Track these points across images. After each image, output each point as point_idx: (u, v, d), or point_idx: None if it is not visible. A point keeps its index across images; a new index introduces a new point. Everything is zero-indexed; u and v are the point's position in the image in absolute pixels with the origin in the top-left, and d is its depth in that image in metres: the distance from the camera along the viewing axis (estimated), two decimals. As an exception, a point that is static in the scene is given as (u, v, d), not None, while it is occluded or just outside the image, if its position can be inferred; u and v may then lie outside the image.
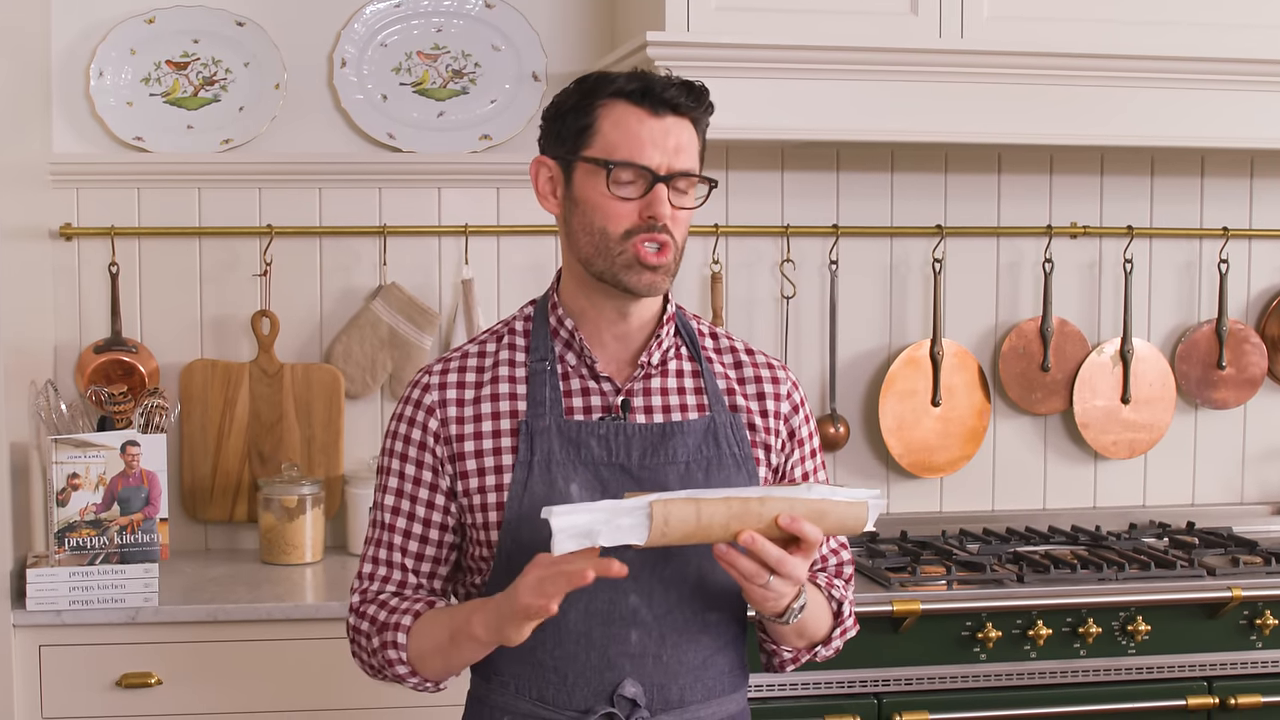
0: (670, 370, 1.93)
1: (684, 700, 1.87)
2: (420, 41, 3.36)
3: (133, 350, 3.23)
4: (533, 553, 1.77)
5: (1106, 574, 3.06)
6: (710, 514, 1.70)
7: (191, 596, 2.87)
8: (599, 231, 1.83)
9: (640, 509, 1.68)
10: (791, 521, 1.71)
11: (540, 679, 1.86)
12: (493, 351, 1.93)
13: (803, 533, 1.72)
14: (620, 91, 1.82)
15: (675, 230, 1.83)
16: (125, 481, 2.86)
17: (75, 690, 2.77)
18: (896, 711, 2.89)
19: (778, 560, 1.72)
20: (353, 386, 3.32)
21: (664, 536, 1.69)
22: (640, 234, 1.81)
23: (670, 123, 1.82)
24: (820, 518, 1.76)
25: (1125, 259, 3.57)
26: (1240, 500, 3.72)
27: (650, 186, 1.81)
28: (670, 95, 1.81)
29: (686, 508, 1.69)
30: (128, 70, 3.26)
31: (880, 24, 3.04)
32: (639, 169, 1.80)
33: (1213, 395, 3.67)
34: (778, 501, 1.74)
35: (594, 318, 1.90)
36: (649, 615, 1.84)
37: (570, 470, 1.84)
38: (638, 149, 1.80)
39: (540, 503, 1.82)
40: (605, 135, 1.82)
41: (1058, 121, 3.10)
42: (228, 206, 3.30)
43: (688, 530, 1.70)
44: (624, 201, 1.81)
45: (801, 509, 1.74)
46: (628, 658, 1.84)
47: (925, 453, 3.52)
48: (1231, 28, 3.16)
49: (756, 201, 3.46)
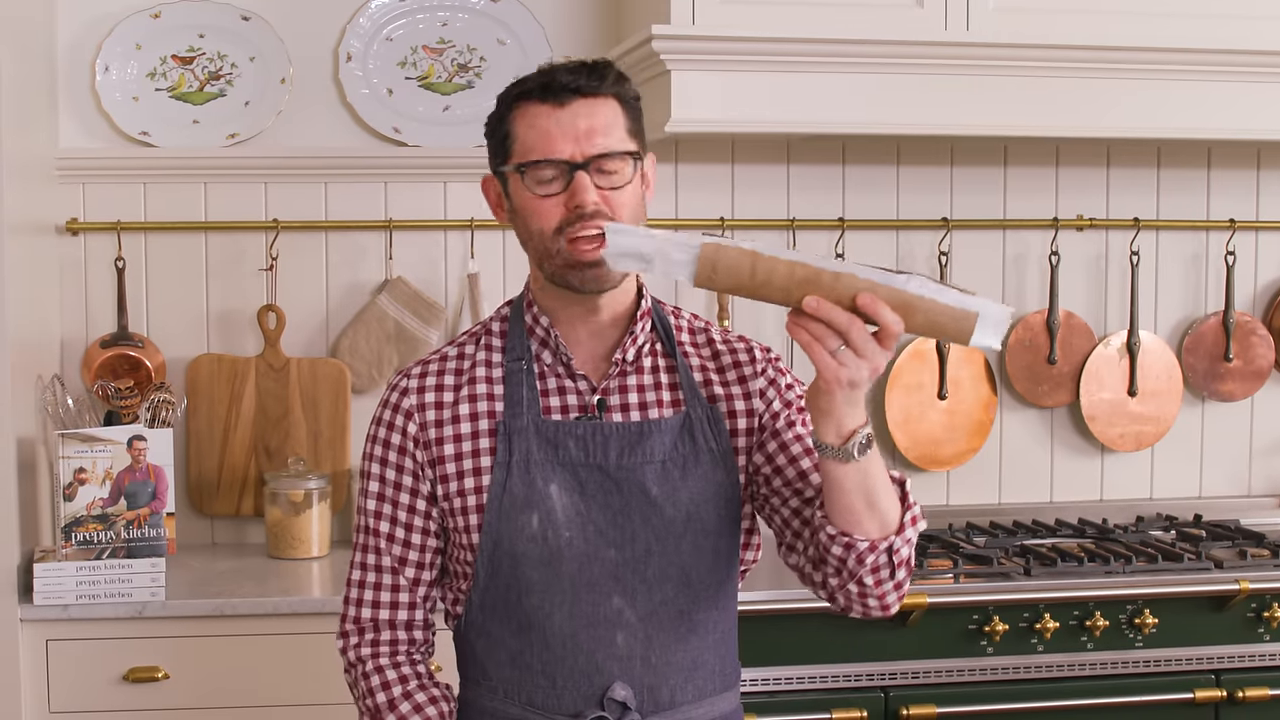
0: (645, 367, 1.89)
1: (674, 701, 1.84)
2: (425, 36, 3.35)
3: (139, 345, 3.23)
4: (514, 554, 1.78)
5: (1114, 567, 3.05)
6: (769, 271, 1.60)
7: (198, 591, 2.87)
8: (536, 234, 1.81)
9: (692, 246, 1.63)
10: (870, 303, 1.57)
11: (529, 683, 1.84)
12: (470, 353, 1.91)
13: (879, 316, 1.57)
14: (524, 93, 1.81)
15: (616, 213, 1.78)
16: (132, 476, 2.86)
17: (82, 684, 2.78)
18: (903, 705, 2.88)
19: (846, 325, 1.57)
20: (359, 381, 3.33)
21: (711, 281, 1.63)
22: (571, 226, 1.77)
23: (578, 107, 1.79)
24: (908, 312, 1.58)
25: (1132, 251, 3.56)
26: (1248, 493, 3.72)
27: (570, 177, 1.78)
28: (567, 80, 1.79)
29: (740, 258, 1.61)
30: (133, 65, 3.27)
31: (886, 16, 3.04)
32: (553, 163, 1.78)
33: (1220, 388, 3.67)
34: (858, 280, 1.59)
35: (566, 316, 1.87)
36: (633, 616, 1.82)
37: (549, 470, 1.82)
38: (547, 144, 1.78)
39: (519, 504, 1.80)
40: (521, 139, 1.80)
41: (1064, 114, 3.09)
42: (233, 201, 3.31)
43: (739, 281, 1.62)
44: (549, 199, 1.78)
45: (883, 294, 1.58)
46: (615, 660, 1.82)
47: (932, 446, 3.52)
48: (1238, 19, 3.15)
49: (762, 195, 3.46)
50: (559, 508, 1.81)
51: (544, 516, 1.81)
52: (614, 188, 1.79)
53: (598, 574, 1.81)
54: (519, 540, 1.80)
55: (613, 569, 1.81)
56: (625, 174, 1.80)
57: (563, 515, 1.81)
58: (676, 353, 1.91)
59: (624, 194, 1.80)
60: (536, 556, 1.81)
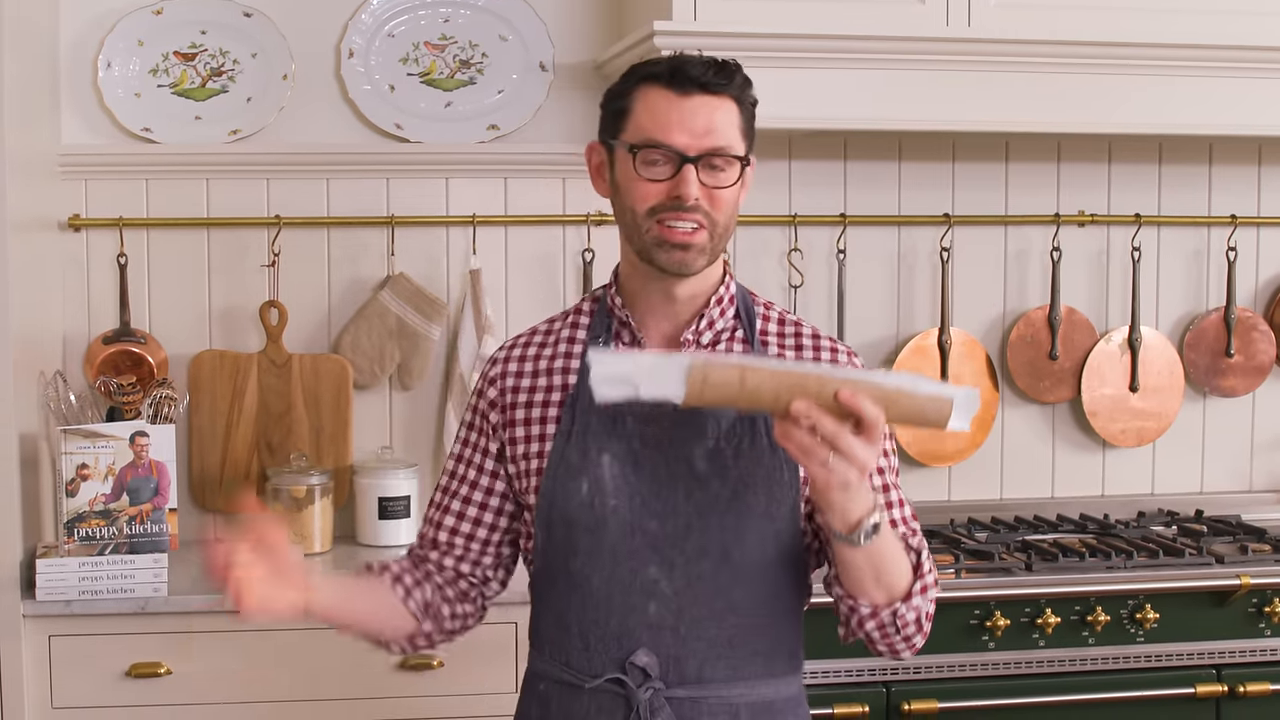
0: (721, 351, 1.94)
1: (702, 677, 1.87)
2: (427, 32, 3.36)
3: (141, 341, 3.23)
4: (566, 518, 1.86)
5: (1115, 562, 3.06)
6: (757, 381, 1.68)
7: (201, 586, 2.87)
8: (629, 211, 1.87)
9: (680, 364, 1.69)
10: (851, 396, 1.66)
11: (568, 644, 1.91)
12: (558, 330, 2.00)
13: (860, 409, 1.66)
14: (651, 75, 1.86)
15: (713, 210, 1.84)
16: (134, 472, 2.86)
17: (85, 680, 2.78)
18: (905, 700, 2.89)
19: (834, 433, 1.66)
20: (361, 377, 3.33)
21: (702, 397, 1.69)
22: (665, 212, 1.83)
23: (699, 102, 1.84)
24: (890, 403, 1.68)
25: (1133, 247, 3.56)
26: (1249, 488, 3.72)
27: (679, 167, 1.83)
28: (696, 74, 1.84)
29: (729, 371, 1.68)
30: (136, 61, 3.27)
31: (888, 12, 3.04)
32: (665, 150, 1.83)
33: (1221, 383, 3.67)
34: (839, 380, 1.67)
35: (645, 298, 1.93)
36: (668, 588, 1.86)
37: (605, 440, 1.88)
38: (664, 130, 1.83)
39: (575, 472, 1.88)
40: (637, 118, 1.86)
41: (1065, 109, 3.10)
42: (236, 197, 3.31)
43: (729, 394, 1.68)
44: (652, 183, 1.84)
45: (866, 390, 1.67)
46: (645, 628, 1.87)
47: (933, 441, 3.52)
48: (1240, 15, 3.15)
49: (764, 190, 3.45)
50: (608, 476, 1.87)
51: (593, 484, 1.87)
52: (718, 186, 1.85)
53: (639, 543, 1.87)
54: (570, 505, 1.88)
55: (653, 539, 1.86)
56: (731, 175, 1.86)
57: (611, 484, 1.87)
58: (755, 340, 1.95)
59: (726, 194, 1.85)
60: (584, 522, 1.88)
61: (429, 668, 2.84)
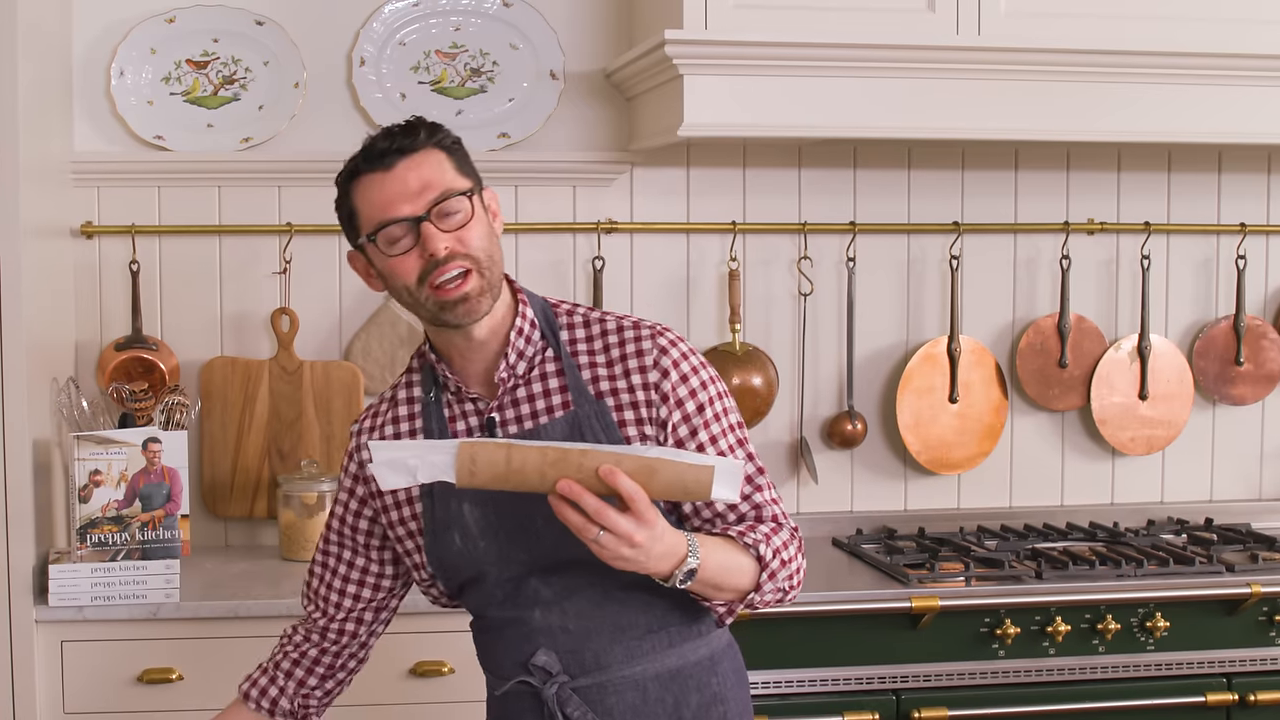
0: (535, 375, 2.00)
1: (601, 663, 1.97)
2: (439, 40, 3.37)
3: (153, 348, 3.25)
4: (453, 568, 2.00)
5: (1125, 570, 3.06)
6: (522, 460, 1.74)
7: (212, 593, 2.88)
8: (403, 290, 1.94)
9: (449, 449, 1.77)
10: (609, 473, 1.74)
11: (486, 658, 2.07)
12: (399, 395, 2.09)
13: (618, 485, 1.73)
14: (353, 170, 1.95)
15: (468, 249, 1.91)
16: (146, 478, 2.87)
17: (97, 686, 2.79)
18: (915, 708, 2.89)
19: (596, 510, 1.74)
20: (372, 384, 3.34)
21: (473, 477, 1.76)
22: (430, 274, 1.90)
23: (402, 167, 1.92)
24: (650, 475, 1.74)
25: (1143, 255, 3.57)
26: (1259, 496, 3.72)
27: (417, 231, 1.90)
28: (385, 145, 1.93)
29: (496, 451, 1.75)
30: (148, 69, 3.28)
31: (898, 21, 3.05)
32: (397, 223, 1.90)
33: (1231, 391, 3.67)
34: (602, 455, 1.74)
35: (453, 350, 2.00)
36: (549, 593, 1.96)
37: (461, 492, 1.95)
38: (387, 208, 1.91)
39: (445, 526, 1.99)
40: (363, 211, 1.94)
41: (1075, 118, 3.10)
42: (247, 205, 3.32)
43: (497, 473, 1.75)
44: (404, 256, 1.91)
45: (628, 464, 1.74)
46: (538, 632, 1.98)
47: (943, 449, 3.52)
48: (1248, 23, 3.15)
49: (774, 199, 3.47)
50: (472, 523, 1.97)
51: (462, 533, 1.98)
52: (460, 227, 1.92)
53: (515, 570, 1.98)
54: (449, 555, 2.00)
55: (526, 563, 1.97)
56: (466, 211, 1.93)
57: (476, 529, 1.97)
58: (564, 353, 2.00)
59: (470, 229, 1.92)
60: (464, 566, 2.00)
61: (439, 674, 2.85)
